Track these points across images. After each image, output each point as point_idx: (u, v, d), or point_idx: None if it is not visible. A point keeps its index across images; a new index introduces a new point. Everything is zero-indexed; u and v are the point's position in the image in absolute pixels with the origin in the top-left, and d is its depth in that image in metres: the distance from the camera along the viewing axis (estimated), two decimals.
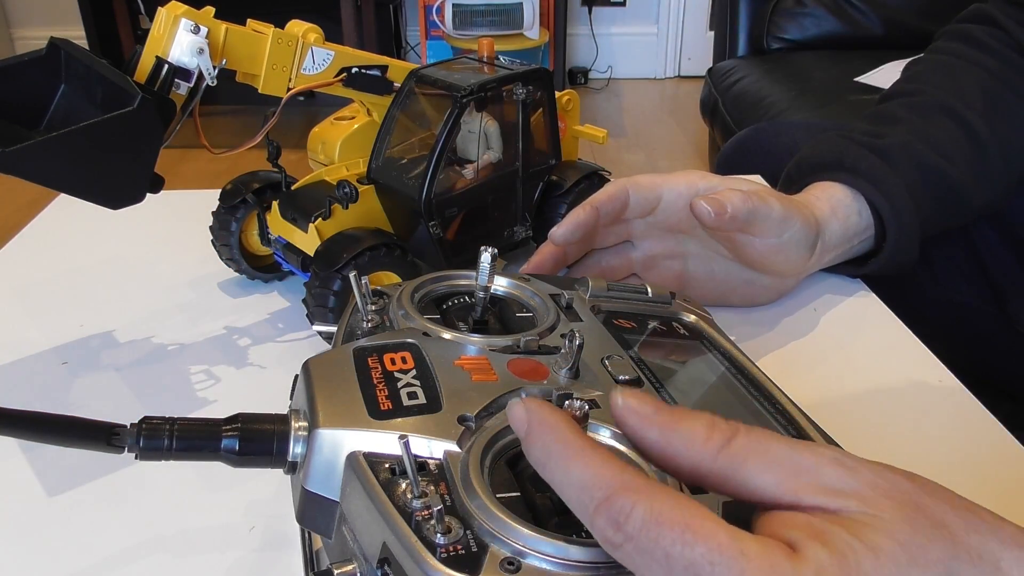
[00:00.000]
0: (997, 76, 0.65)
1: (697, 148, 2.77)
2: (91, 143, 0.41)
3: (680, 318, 0.44)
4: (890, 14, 1.84)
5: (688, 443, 0.26)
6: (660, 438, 0.26)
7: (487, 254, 0.38)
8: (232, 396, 0.50)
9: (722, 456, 0.26)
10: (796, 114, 1.54)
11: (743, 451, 0.26)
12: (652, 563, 0.23)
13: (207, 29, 0.48)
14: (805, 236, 0.53)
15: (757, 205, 0.50)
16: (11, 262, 0.65)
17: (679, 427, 0.26)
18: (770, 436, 0.26)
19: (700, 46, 3.43)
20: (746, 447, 0.26)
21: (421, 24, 3.08)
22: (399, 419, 0.30)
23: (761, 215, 0.50)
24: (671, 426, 0.26)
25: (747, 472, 0.25)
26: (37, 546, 0.39)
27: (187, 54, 0.47)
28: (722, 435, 0.26)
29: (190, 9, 0.48)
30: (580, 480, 0.25)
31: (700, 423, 0.26)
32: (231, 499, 0.42)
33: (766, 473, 0.25)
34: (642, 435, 0.27)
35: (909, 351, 0.54)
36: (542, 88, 0.58)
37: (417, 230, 0.55)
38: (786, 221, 0.52)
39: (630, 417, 0.27)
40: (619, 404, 0.27)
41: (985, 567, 0.24)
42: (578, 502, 0.25)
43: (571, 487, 0.25)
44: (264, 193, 0.58)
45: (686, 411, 0.27)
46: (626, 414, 0.27)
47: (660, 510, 0.23)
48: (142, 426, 0.30)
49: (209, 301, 0.51)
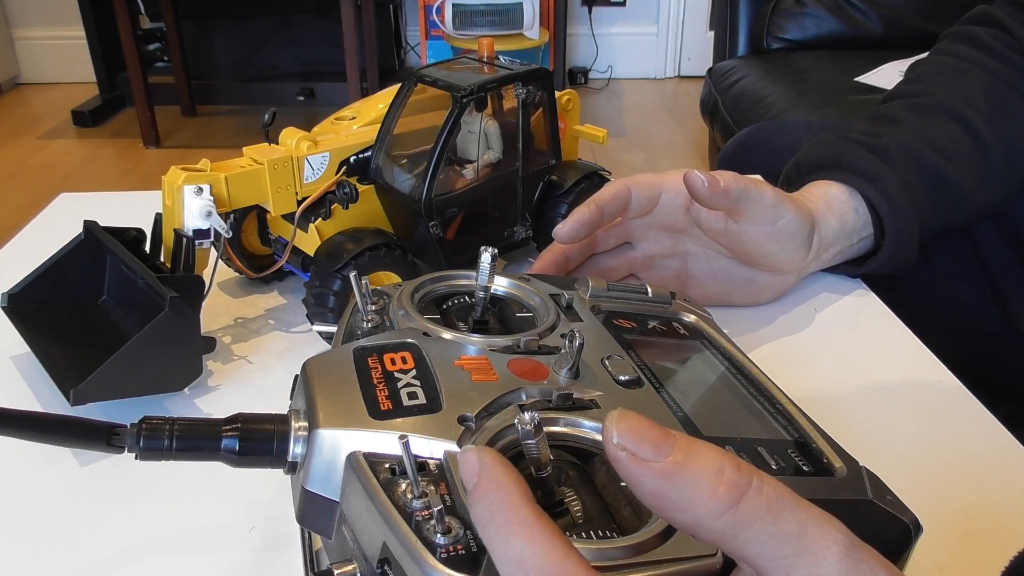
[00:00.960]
0: (1001, 78, 0.65)
1: (697, 148, 2.77)
2: (140, 350, 0.45)
3: (680, 318, 0.44)
4: (890, 14, 1.84)
5: (690, 497, 0.23)
6: (658, 488, 0.23)
7: (487, 254, 0.38)
8: (232, 396, 0.50)
9: (726, 518, 0.23)
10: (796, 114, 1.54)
11: (751, 515, 0.23)
12: None
13: (210, 186, 0.50)
14: (799, 226, 0.54)
15: (749, 186, 0.51)
16: (11, 262, 0.65)
17: (681, 478, 0.23)
18: (785, 500, 0.23)
19: (700, 46, 3.44)
20: (755, 512, 0.23)
21: (421, 24, 3.08)
22: (399, 419, 0.30)
23: (752, 198, 0.51)
24: (672, 477, 0.23)
25: (749, 537, 0.23)
26: (37, 546, 0.39)
27: (198, 219, 0.50)
28: (730, 493, 0.23)
29: (189, 174, 0.50)
30: (519, 555, 0.23)
31: (707, 473, 0.23)
32: (231, 499, 0.42)
33: (768, 544, 0.23)
34: (639, 481, 0.24)
35: (909, 350, 0.54)
36: (542, 88, 0.58)
37: (417, 230, 0.55)
38: (777, 208, 0.52)
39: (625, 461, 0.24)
40: (613, 440, 0.24)
41: None
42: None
43: (508, 560, 0.23)
44: None
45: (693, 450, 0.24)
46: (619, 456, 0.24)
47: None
48: (142, 426, 0.30)
49: (209, 301, 0.51)
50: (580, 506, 0.29)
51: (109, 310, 0.53)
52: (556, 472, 0.30)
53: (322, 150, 0.54)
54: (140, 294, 0.49)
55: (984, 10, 0.70)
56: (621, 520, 0.28)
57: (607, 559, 0.25)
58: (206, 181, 0.50)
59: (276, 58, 3.28)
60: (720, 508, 0.23)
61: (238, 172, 0.51)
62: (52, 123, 3.06)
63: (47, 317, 0.52)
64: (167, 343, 0.46)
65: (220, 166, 0.52)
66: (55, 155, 2.77)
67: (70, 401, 0.44)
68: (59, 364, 0.48)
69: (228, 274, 0.61)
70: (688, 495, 0.23)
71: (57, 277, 0.53)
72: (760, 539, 0.23)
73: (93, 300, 0.54)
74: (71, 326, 0.52)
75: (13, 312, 0.52)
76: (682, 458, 0.23)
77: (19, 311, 0.52)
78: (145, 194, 0.74)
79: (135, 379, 0.46)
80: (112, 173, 2.63)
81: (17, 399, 0.49)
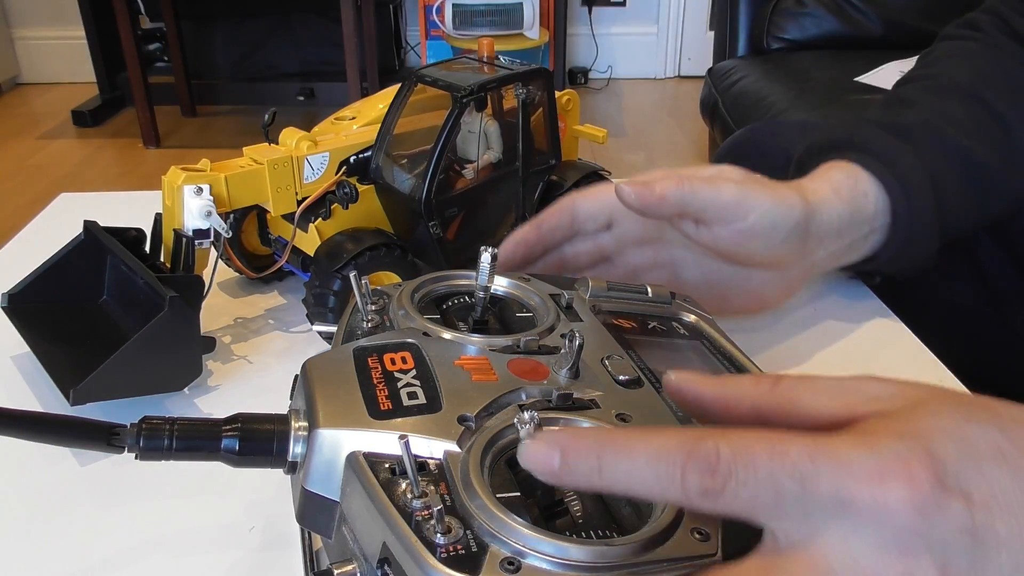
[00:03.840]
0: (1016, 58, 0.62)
1: (697, 148, 2.77)
2: (139, 350, 0.45)
3: (680, 318, 0.44)
4: (890, 14, 1.84)
5: (742, 391, 0.29)
6: (717, 393, 0.30)
7: (487, 254, 0.38)
8: (232, 396, 0.50)
9: (776, 392, 0.29)
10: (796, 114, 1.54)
11: (793, 387, 0.29)
12: (758, 488, 0.24)
13: (210, 186, 0.50)
14: (779, 218, 0.48)
15: (695, 187, 0.46)
16: (11, 262, 0.65)
17: (729, 383, 0.30)
18: (810, 375, 0.29)
19: (700, 46, 3.44)
20: (794, 384, 0.29)
21: (421, 24, 3.09)
22: (399, 419, 0.30)
23: (703, 198, 0.46)
24: (723, 384, 0.30)
25: (802, 401, 0.28)
26: (37, 546, 0.39)
27: (198, 218, 0.50)
28: (768, 380, 0.29)
29: (189, 173, 0.50)
30: (650, 455, 0.25)
31: (746, 377, 0.30)
32: (231, 499, 0.42)
33: (820, 397, 0.28)
34: (700, 395, 0.30)
35: (909, 351, 0.54)
36: (542, 88, 0.58)
37: (417, 230, 0.55)
38: (743, 204, 0.47)
39: (686, 385, 0.30)
40: (673, 379, 0.31)
41: None
42: (658, 477, 0.25)
43: (644, 468, 0.25)
44: None
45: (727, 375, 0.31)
46: (682, 383, 0.31)
47: (741, 440, 0.25)
48: (142, 426, 0.30)
49: (209, 301, 0.51)
50: (580, 506, 0.29)
51: (109, 310, 0.53)
52: None
53: (322, 150, 0.54)
54: (140, 294, 0.49)
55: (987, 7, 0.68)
56: (621, 520, 0.28)
57: (607, 559, 0.25)
58: (206, 181, 0.50)
59: (276, 58, 3.28)
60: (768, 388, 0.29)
61: (238, 172, 0.51)
62: (52, 123, 3.06)
63: (47, 317, 0.52)
64: (167, 343, 0.46)
65: (220, 166, 0.52)
66: (55, 155, 2.77)
67: (70, 401, 0.44)
68: (59, 364, 0.48)
69: (228, 274, 0.61)
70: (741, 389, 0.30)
71: (57, 277, 0.53)
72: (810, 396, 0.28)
73: (93, 300, 0.54)
74: (71, 326, 0.52)
75: (13, 312, 0.52)
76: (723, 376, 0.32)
77: (19, 311, 0.52)
78: (145, 194, 0.74)
79: (135, 379, 0.46)
80: (112, 173, 2.63)
81: (17, 399, 0.49)
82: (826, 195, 0.51)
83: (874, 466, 0.24)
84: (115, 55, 2.82)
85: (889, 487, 0.24)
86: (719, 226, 0.47)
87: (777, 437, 0.25)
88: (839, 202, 0.51)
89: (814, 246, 0.51)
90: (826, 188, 0.51)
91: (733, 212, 0.47)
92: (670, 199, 0.46)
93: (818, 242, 0.51)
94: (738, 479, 0.24)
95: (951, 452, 0.25)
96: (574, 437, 0.27)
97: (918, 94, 0.60)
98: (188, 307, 0.47)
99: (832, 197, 0.51)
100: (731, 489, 0.24)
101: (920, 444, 0.25)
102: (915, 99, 0.59)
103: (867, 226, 0.52)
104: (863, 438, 0.25)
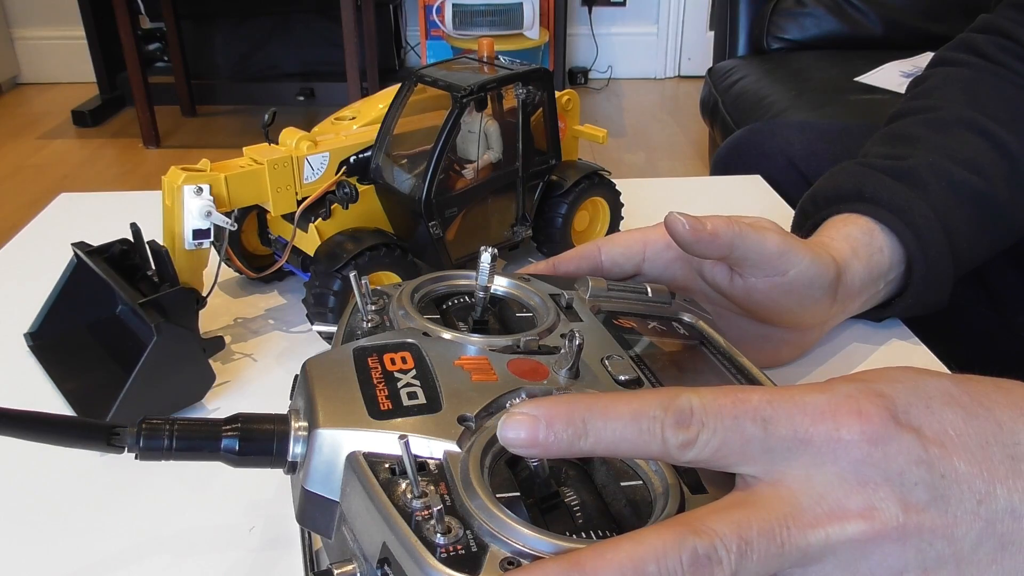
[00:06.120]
0: (1015, 84, 0.61)
1: (697, 148, 2.77)
2: (146, 379, 0.45)
3: (680, 318, 0.44)
4: (890, 14, 1.84)
5: None
6: None
7: (487, 254, 0.38)
8: (232, 396, 0.50)
9: None
10: (796, 114, 1.54)
11: None
12: (726, 435, 0.26)
13: (210, 186, 0.50)
14: (817, 275, 0.46)
15: (745, 232, 0.44)
16: (11, 262, 0.65)
17: None
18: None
19: (700, 46, 3.44)
20: None
21: (421, 24, 3.08)
22: (399, 419, 0.30)
23: (751, 244, 0.44)
24: None
25: None
26: (37, 546, 0.39)
27: (199, 219, 0.50)
28: None
29: (189, 174, 0.50)
30: (632, 414, 0.26)
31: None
32: (231, 499, 0.42)
33: None
34: None
35: (909, 351, 0.54)
36: (542, 88, 0.58)
37: (417, 230, 0.55)
38: (786, 256, 0.45)
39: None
40: None
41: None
42: (640, 434, 0.26)
43: (628, 427, 0.26)
44: None
45: None
46: None
47: (710, 393, 0.27)
48: (142, 426, 0.30)
49: (209, 301, 0.51)
50: (580, 506, 0.29)
51: (127, 319, 0.53)
52: (555, 471, 0.30)
53: (322, 150, 0.54)
54: None
55: (985, 19, 0.67)
56: (621, 520, 0.28)
57: None
58: (206, 181, 0.50)
59: (276, 58, 3.28)
60: None
61: (238, 172, 0.51)
62: (52, 123, 3.06)
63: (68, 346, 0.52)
64: (170, 365, 0.46)
65: (220, 166, 0.52)
66: (55, 155, 2.77)
67: None
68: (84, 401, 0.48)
69: (228, 274, 0.61)
70: None
71: (68, 305, 0.53)
72: None
73: (110, 312, 0.54)
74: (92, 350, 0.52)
75: (39, 350, 0.52)
76: None
77: (42, 347, 0.53)
78: (145, 194, 0.74)
79: (154, 402, 0.46)
80: (112, 173, 2.63)
81: (17, 399, 0.49)
82: (847, 254, 0.50)
83: (826, 404, 0.27)
84: (115, 55, 2.82)
85: (841, 421, 0.27)
86: (756, 277, 0.46)
87: (741, 388, 0.27)
88: (858, 263, 0.50)
89: (838, 309, 0.50)
90: (846, 248, 0.50)
91: (775, 265, 0.45)
92: (722, 237, 0.43)
93: (843, 302, 0.50)
94: (708, 428, 0.26)
95: (900, 392, 0.28)
96: (554, 404, 0.27)
97: (920, 129, 0.59)
98: (180, 327, 0.46)
99: (851, 256, 0.50)
100: (703, 439, 0.26)
101: (870, 386, 0.28)
102: (918, 135, 0.58)
103: (882, 281, 0.52)
104: (818, 385, 0.28)
